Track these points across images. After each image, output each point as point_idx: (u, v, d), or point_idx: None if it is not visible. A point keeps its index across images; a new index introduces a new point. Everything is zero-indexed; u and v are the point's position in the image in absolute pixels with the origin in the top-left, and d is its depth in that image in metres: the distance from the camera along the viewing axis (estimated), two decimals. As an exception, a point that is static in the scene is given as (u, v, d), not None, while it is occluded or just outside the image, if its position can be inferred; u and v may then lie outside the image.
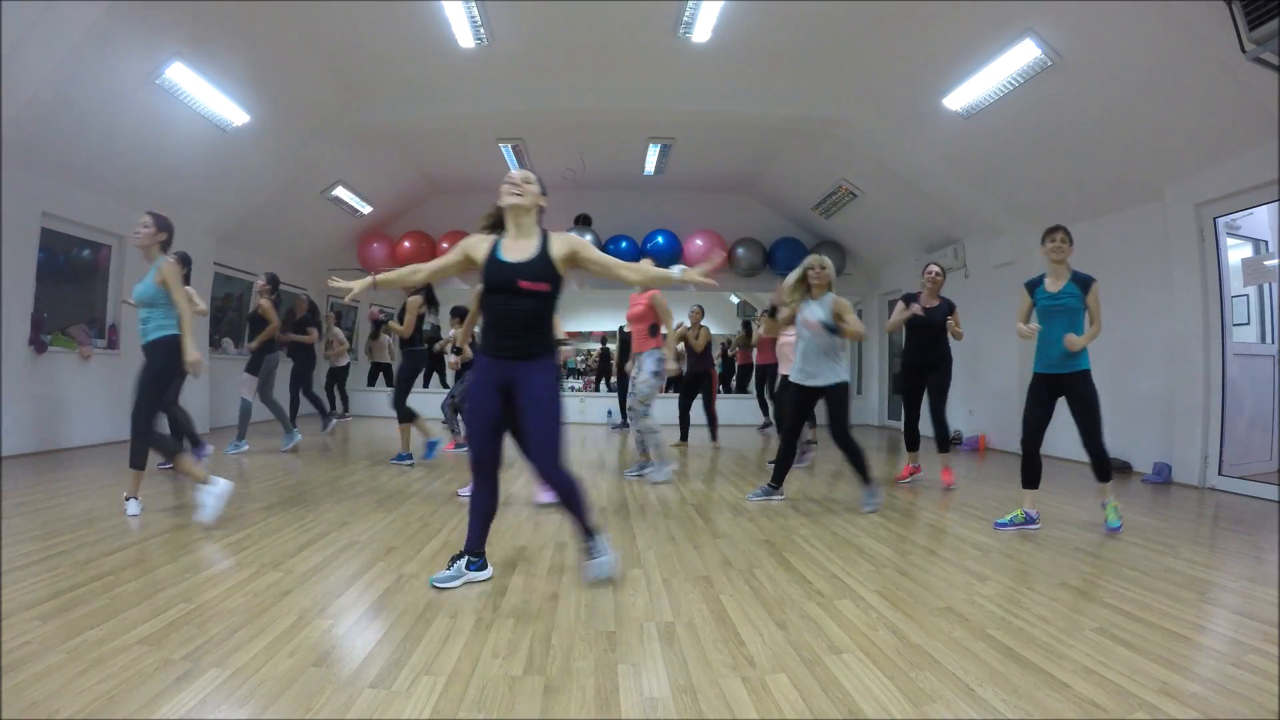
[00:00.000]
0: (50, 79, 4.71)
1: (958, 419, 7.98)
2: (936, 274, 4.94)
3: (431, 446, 5.77)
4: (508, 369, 2.50)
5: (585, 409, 10.30)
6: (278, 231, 8.69)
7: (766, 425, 8.71)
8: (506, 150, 8.37)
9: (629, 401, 5.24)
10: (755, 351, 8.60)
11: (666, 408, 7.20)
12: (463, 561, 2.58)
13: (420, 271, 2.74)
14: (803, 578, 2.71)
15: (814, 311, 4.12)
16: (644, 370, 5.07)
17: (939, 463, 5.02)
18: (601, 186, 9.76)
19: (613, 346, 10.76)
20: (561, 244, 2.54)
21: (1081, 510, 4.11)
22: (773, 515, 3.89)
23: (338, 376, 8.97)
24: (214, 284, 7.93)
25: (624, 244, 9.70)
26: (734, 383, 11.36)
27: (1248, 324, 5.44)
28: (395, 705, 1.62)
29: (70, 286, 6.34)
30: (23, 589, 2.33)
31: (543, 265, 2.48)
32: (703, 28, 5.58)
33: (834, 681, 1.79)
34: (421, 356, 5.85)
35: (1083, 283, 3.57)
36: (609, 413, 9.90)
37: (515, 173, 2.57)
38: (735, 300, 13.05)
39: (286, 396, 6.61)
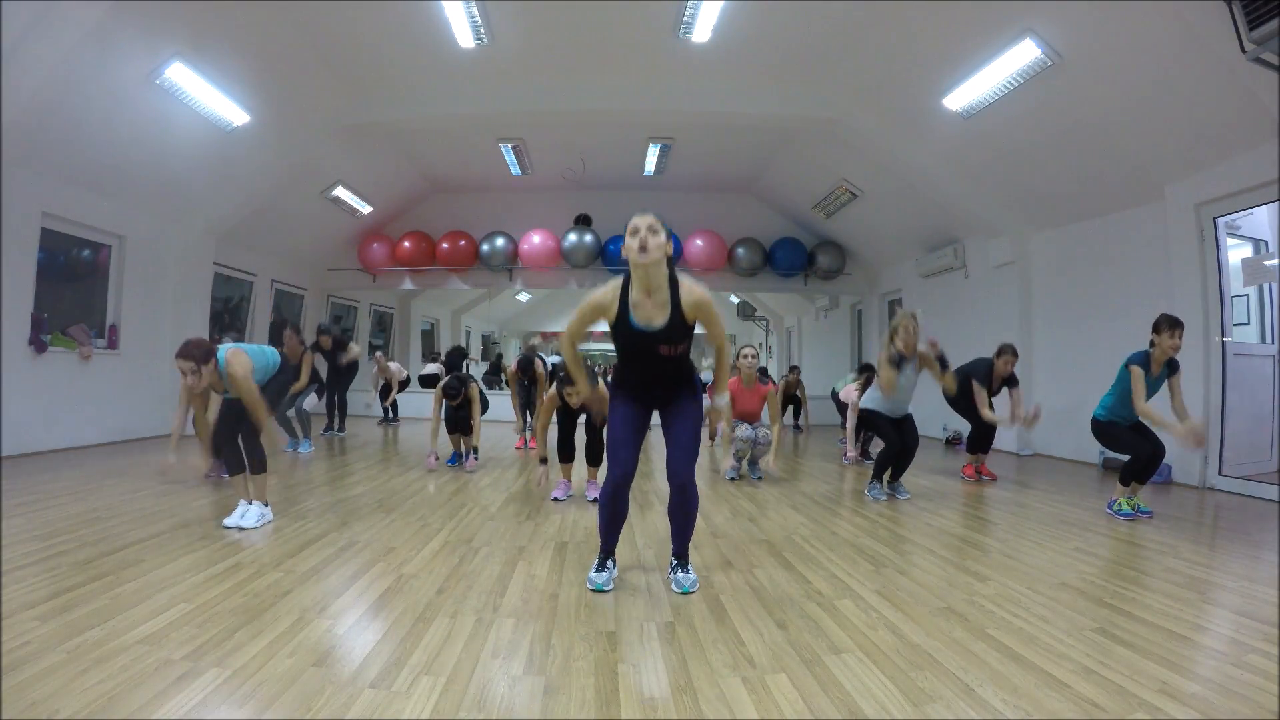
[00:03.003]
0: (50, 79, 4.71)
1: (957, 419, 7.97)
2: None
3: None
4: (653, 402, 2.60)
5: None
6: (278, 231, 8.68)
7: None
8: (506, 150, 8.38)
9: (736, 447, 5.23)
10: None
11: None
12: (611, 566, 2.65)
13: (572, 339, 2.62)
14: (803, 578, 2.71)
15: (910, 378, 4.53)
16: (764, 444, 5.13)
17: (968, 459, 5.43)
18: (601, 186, 9.76)
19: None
20: (691, 303, 2.39)
21: (1082, 511, 4.11)
22: (773, 515, 3.90)
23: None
24: (214, 284, 7.93)
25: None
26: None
27: (1248, 324, 5.44)
28: (395, 705, 1.62)
29: (70, 286, 6.34)
30: (23, 589, 2.33)
31: (679, 327, 2.39)
32: (703, 28, 5.58)
33: (834, 681, 1.79)
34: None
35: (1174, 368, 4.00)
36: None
37: (640, 220, 2.33)
38: (735, 300, 13.03)
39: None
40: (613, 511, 2.60)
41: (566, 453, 4.44)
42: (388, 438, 7.74)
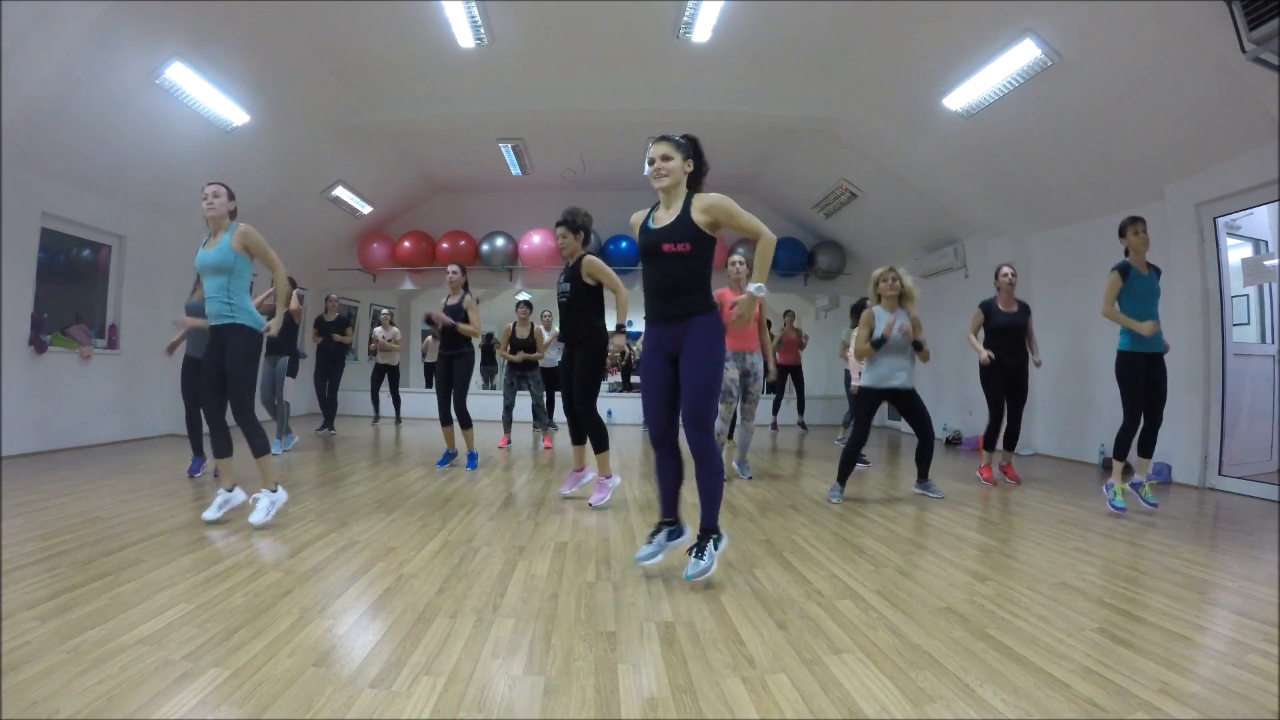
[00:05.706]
0: (50, 79, 4.71)
1: (957, 419, 7.99)
2: (1012, 276, 5.03)
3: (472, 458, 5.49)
4: (671, 334, 2.60)
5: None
6: (278, 231, 8.54)
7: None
8: (506, 150, 8.37)
9: (742, 405, 4.99)
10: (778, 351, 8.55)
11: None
12: (663, 534, 2.72)
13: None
14: (803, 578, 2.71)
15: (903, 320, 4.42)
16: (760, 376, 5.06)
17: (1003, 459, 5.12)
18: (601, 186, 9.75)
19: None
20: (702, 206, 2.56)
21: (1082, 510, 4.11)
22: (773, 515, 3.89)
23: (389, 376, 8.89)
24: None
25: (624, 244, 9.70)
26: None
27: (1248, 324, 5.44)
28: (395, 705, 1.62)
29: (70, 286, 6.34)
30: (23, 589, 2.33)
31: (683, 226, 2.55)
32: (703, 28, 5.58)
33: (834, 681, 1.79)
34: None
35: (1159, 272, 4.04)
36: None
37: (655, 150, 2.60)
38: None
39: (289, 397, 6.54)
40: (660, 479, 2.75)
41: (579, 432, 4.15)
42: (380, 437, 7.73)
